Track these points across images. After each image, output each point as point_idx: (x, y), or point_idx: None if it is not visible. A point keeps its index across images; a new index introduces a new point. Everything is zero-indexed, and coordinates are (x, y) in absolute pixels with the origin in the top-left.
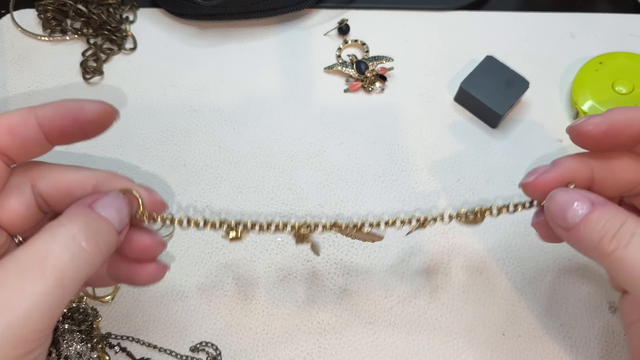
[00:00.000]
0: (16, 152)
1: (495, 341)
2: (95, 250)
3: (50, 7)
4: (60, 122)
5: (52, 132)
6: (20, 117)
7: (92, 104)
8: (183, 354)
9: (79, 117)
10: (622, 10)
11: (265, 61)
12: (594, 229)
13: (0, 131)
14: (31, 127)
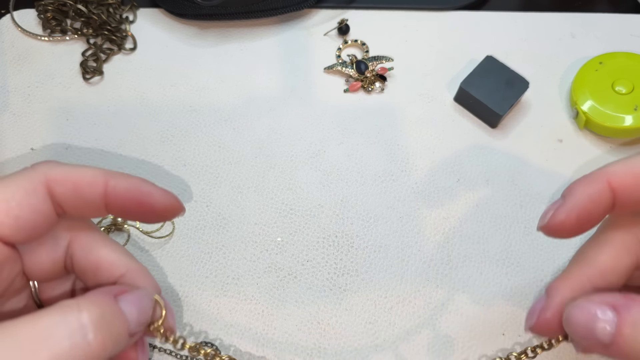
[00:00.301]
0: (71, 207)
1: (495, 341)
2: (100, 347)
3: (50, 7)
4: (126, 200)
5: (113, 204)
6: (92, 177)
7: (162, 196)
8: (182, 354)
9: (145, 204)
10: (622, 10)
11: (265, 61)
12: (635, 339)
13: (67, 184)
14: (98, 192)
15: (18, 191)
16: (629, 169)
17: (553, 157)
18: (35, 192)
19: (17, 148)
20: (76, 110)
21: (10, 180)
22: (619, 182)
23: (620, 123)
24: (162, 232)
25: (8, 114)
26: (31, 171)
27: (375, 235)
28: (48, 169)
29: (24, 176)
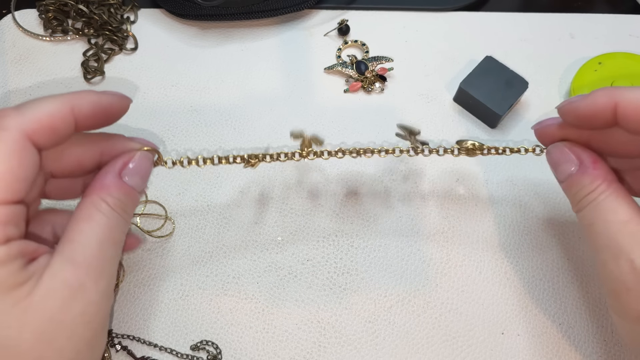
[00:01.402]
0: (49, 144)
1: (494, 340)
2: (127, 218)
3: (51, 7)
4: (92, 117)
5: (82, 126)
6: (60, 113)
7: (118, 100)
8: (184, 353)
9: (109, 114)
10: (621, 10)
11: (265, 61)
12: (572, 189)
13: (44, 130)
14: (70, 124)
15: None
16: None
17: None
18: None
19: None
20: None
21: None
22: (625, 110)
23: None
24: (163, 231)
25: None
26: (6, 134)
27: (375, 235)
28: (20, 125)
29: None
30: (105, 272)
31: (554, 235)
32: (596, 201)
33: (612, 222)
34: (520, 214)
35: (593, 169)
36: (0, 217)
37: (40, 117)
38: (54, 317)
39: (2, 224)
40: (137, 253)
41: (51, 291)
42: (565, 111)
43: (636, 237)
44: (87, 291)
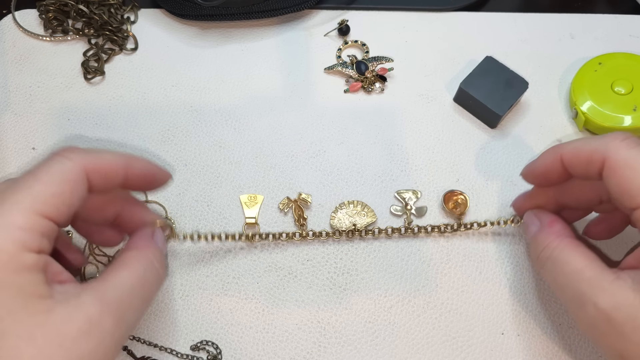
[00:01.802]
0: (98, 188)
1: (494, 340)
2: (161, 271)
3: (51, 7)
4: (139, 180)
5: (129, 184)
6: (115, 165)
7: (163, 174)
8: (184, 353)
9: (152, 182)
10: (621, 11)
11: (265, 62)
12: (532, 248)
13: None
14: (120, 176)
15: (62, 183)
16: (575, 150)
17: None
18: (81, 182)
19: (18, 148)
20: (77, 110)
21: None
22: (567, 159)
23: (619, 123)
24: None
25: (9, 113)
26: (68, 162)
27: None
28: (83, 160)
29: (63, 168)
30: (126, 321)
31: None
32: (552, 256)
33: (569, 273)
34: None
35: (549, 227)
36: (41, 228)
37: (101, 162)
38: (64, 344)
39: (40, 235)
40: None
41: (71, 319)
42: (526, 174)
43: (592, 281)
44: (104, 332)
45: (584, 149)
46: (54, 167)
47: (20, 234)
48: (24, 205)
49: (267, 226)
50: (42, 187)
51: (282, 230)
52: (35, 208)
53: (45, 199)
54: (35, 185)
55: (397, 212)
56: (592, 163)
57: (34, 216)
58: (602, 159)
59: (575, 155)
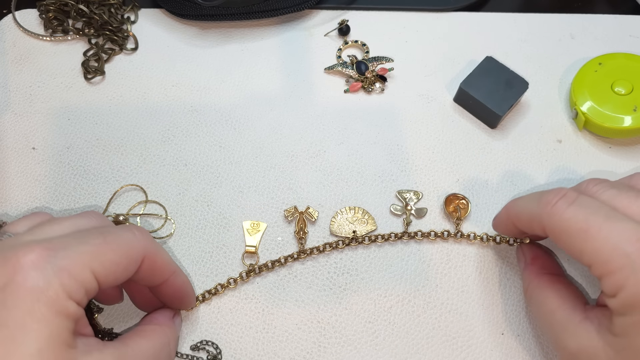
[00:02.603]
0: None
1: (494, 341)
2: (174, 351)
3: (51, 7)
4: (171, 293)
5: (161, 291)
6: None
7: (192, 298)
8: (184, 353)
9: (181, 302)
10: (622, 11)
11: (265, 61)
12: (523, 283)
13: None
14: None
15: (123, 256)
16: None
17: (552, 157)
18: (136, 264)
19: (18, 147)
20: (78, 110)
21: (120, 242)
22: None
23: (619, 124)
24: (163, 231)
25: (10, 113)
26: (135, 240)
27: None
28: (146, 246)
29: (130, 243)
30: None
31: None
32: (533, 295)
33: (545, 314)
34: None
35: (531, 264)
36: (88, 285)
37: (158, 257)
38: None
39: (85, 290)
40: None
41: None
42: (495, 229)
43: (562, 324)
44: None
45: (523, 215)
46: (123, 239)
47: (71, 281)
48: (85, 259)
49: (269, 239)
50: (106, 251)
51: (281, 254)
52: (92, 266)
53: (104, 263)
54: (102, 245)
55: (397, 211)
56: (534, 228)
57: (88, 273)
58: (540, 225)
59: (518, 219)
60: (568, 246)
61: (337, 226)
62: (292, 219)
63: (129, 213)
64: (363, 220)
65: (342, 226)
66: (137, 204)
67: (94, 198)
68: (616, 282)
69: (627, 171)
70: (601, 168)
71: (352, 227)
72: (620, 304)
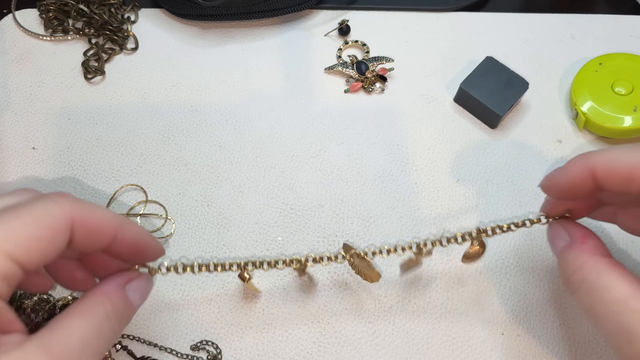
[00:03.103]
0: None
1: (494, 341)
2: (119, 328)
3: (52, 7)
4: (127, 249)
5: (116, 250)
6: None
7: (155, 248)
8: (184, 353)
9: (141, 254)
10: (622, 11)
11: (266, 61)
12: (562, 267)
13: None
14: (108, 238)
15: (44, 228)
16: (611, 163)
17: (552, 157)
18: (63, 232)
19: (18, 147)
20: (78, 109)
21: (35, 214)
22: (601, 174)
23: (619, 124)
24: (163, 231)
25: (10, 113)
26: (56, 207)
27: (375, 235)
28: (72, 209)
29: (49, 212)
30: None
31: None
32: (587, 280)
33: (611, 303)
34: (520, 215)
35: (581, 243)
36: (5, 271)
37: (91, 217)
38: None
39: (3, 277)
40: None
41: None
42: (547, 188)
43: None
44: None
45: (621, 163)
46: (39, 209)
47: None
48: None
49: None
50: (20, 227)
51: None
52: (4, 248)
53: (19, 240)
54: (13, 221)
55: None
56: (633, 181)
57: (1, 257)
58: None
59: (611, 169)
60: None
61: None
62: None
63: (129, 213)
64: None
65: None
66: (137, 204)
67: (94, 198)
68: None
69: None
70: None
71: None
72: None
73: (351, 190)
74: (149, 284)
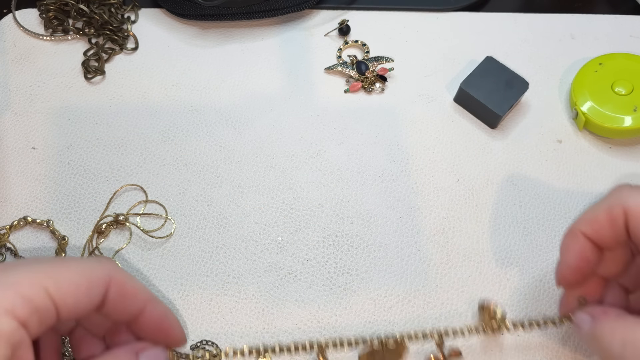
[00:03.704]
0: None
1: (494, 341)
2: None
3: (52, 6)
4: (152, 326)
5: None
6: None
7: (178, 331)
8: (184, 352)
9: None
10: (622, 11)
11: (266, 61)
12: (598, 345)
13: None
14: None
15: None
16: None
17: (552, 157)
18: (99, 287)
19: (18, 147)
20: (78, 109)
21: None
22: (590, 233)
23: (619, 124)
24: (163, 231)
25: (10, 113)
26: (98, 265)
27: (375, 235)
28: (111, 271)
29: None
30: None
31: (554, 235)
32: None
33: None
34: (520, 215)
35: (604, 314)
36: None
37: (127, 283)
38: None
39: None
40: (137, 253)
41: None
42: (563, 279)
43: None
44: None
45: (599, 213)
46: (84, 263)
47: (14, 296)
48: (37, 275)
49: None
50: (63, 271)
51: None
52: (45, 283)
53: (60, 281)
54: (59, 265)
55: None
56: (615, 221)
57: (39, 289)
58: (622, 211)
59: (595, 223)
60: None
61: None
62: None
63: (129, 213)
64: None
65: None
66: (137, 204)
67: (94, 198)
68: None
69: (627, 172)
70: (601, 168)
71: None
72: None
73: (351, 190)
74: (163, 356)
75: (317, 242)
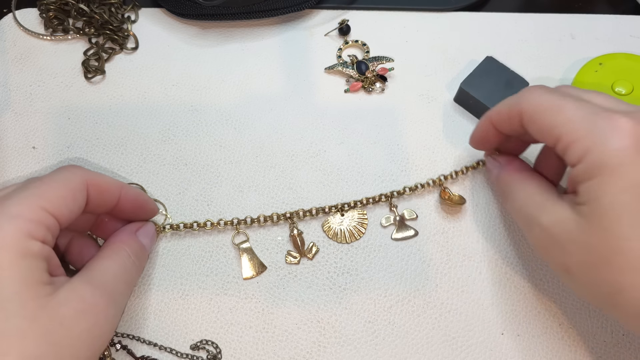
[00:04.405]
0: (93, 204)
1: (494, 341)
2: (140, 267)
3: (52, 6)
4: (130, 205)
5: (121, 207)
6: (112, 185)
7: (153, 204)
8: (184, 352)
9: (142, 209)
10: (622, 11)
11: (266, 61)
12: (497, 187)
13: (96, 188)
14: (114, 197)
15: (66, 189)
16: (497, 111)
17: None
18: (82, 192)
19: (18, 147)
20: (78, 109)
21: (57, 180)
22: (495, 122)
23: None
24: None
25: (10, 112)
26: (72, 174)
27: (376, 235)
28: (84, 175)
29: (67, 178)
30: (115, 302)
31: None
32: (512, 188)
33: (523, 199)
34: None
35: (508, 165)
36: (46, 221)
37: (100, 181)
38: (64, 323)
39: (45, 227)
40: None
41: (68, 301)
42: (471, 143)
43: (538, 204)
44: (99, 311)
45: (503, 109)
46: (60, 176)
47: (26, 223)
48: (32, 200)
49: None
50: (48, 189)
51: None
52: (41, 204)
53: (51, 198)
54: (42, 186)
55: (387, 223)
56: (513, 119)
57: (40, 210)
58: (518, 112)
59: (498, 116)
60: (540, 123)
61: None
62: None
63: None
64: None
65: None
66: None
67: None
68: (583, 146)
69: None
70: None
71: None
72: (586, 167)
73: (351, 190)
74: (154, 229)
75: (317, 242)
